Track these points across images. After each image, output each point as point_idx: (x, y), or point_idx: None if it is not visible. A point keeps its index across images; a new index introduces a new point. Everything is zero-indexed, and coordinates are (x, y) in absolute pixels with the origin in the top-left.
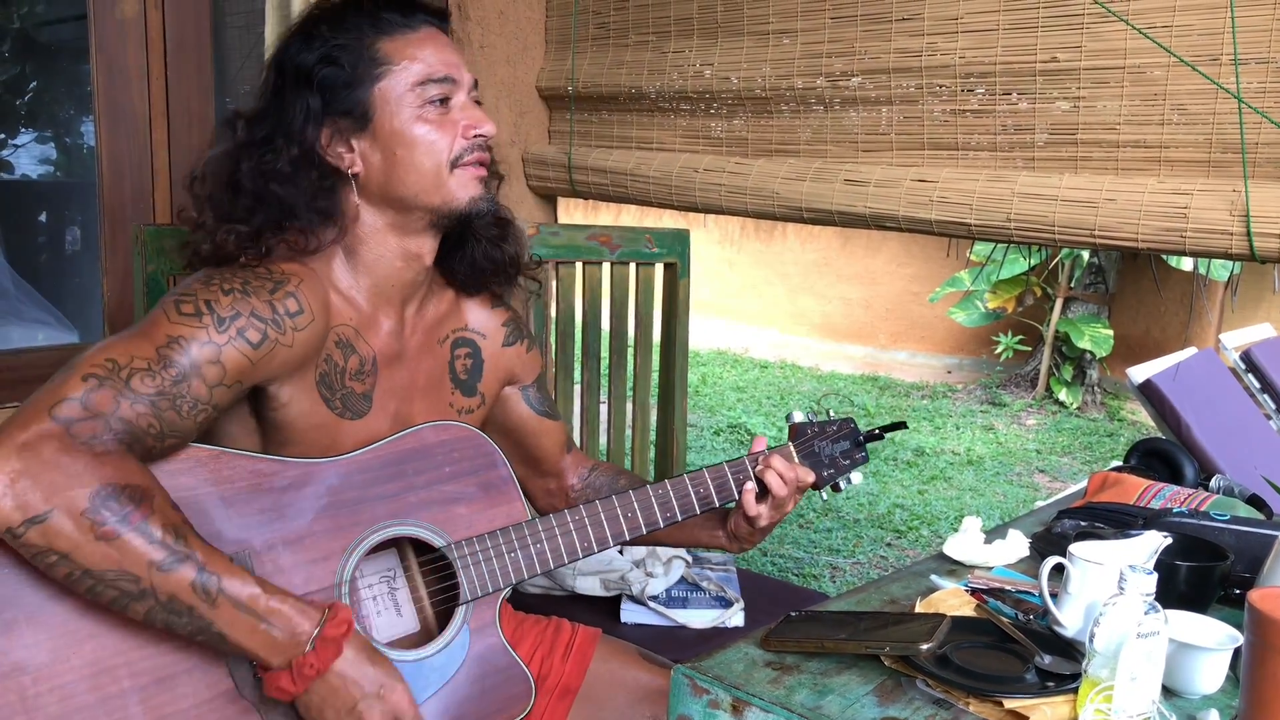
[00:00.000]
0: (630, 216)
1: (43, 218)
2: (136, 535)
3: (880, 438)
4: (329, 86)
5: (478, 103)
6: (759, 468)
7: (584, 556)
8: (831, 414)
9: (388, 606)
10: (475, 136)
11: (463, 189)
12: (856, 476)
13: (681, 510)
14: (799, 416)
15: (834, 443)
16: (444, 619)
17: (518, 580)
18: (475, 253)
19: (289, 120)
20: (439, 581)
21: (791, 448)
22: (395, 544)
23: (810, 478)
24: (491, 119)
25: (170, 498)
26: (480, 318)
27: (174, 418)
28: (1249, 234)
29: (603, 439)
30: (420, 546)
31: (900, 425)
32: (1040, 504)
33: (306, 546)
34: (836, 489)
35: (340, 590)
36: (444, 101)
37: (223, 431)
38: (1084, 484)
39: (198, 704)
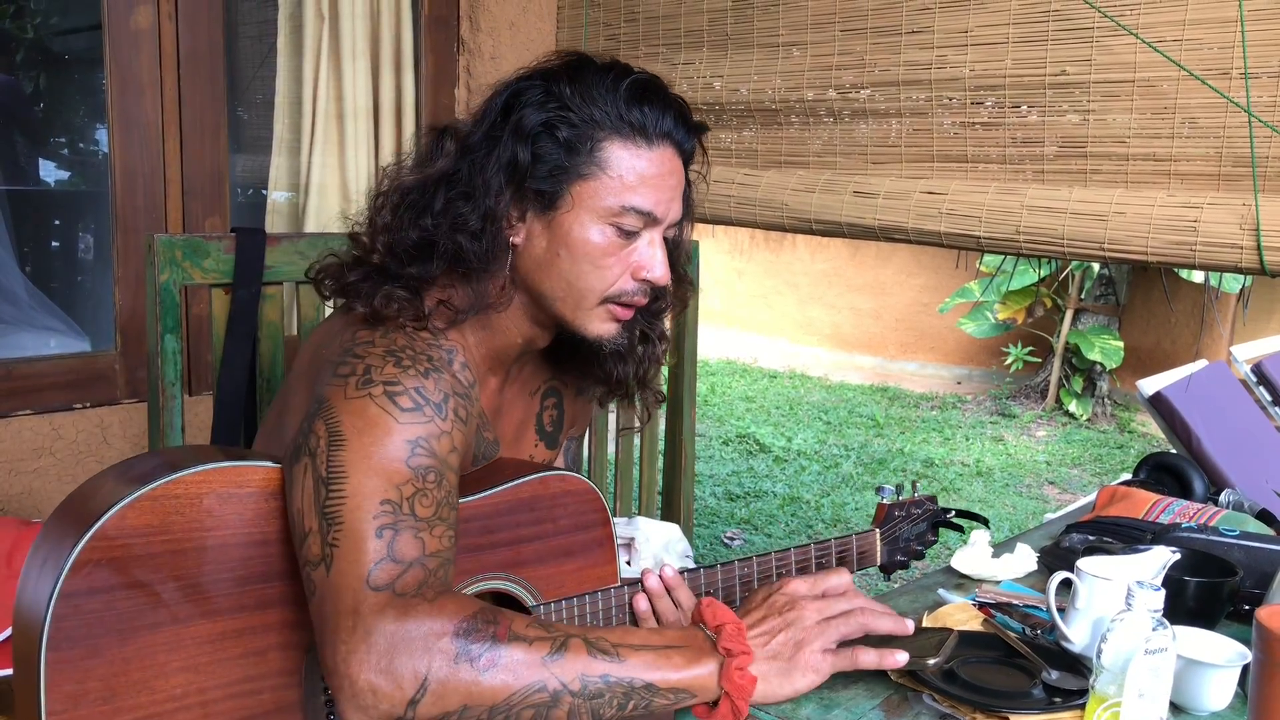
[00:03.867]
0: None
1: (56, 225)
2: (512, 648)
3: (960, 529)
4: (540, 157)
5: (666, 240)
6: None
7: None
8: (918, 491)
9: None
10: (642, 280)
11: (599, 324)
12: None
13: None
14: (888, 497)
15: (914, 524)
16: None
17: None
18: (584, 350)
19: (489, 171)
20: None
21: (877, 534)
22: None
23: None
24: (668, 267)
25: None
26: (569, 372)
27: (451, 534)
28: (1259, 247)
29: (611, 448)
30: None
31: (978, 517)
32: (1049, 516)
33: None
34: (903, 566)
35: None
36: (635, 233)
37: None
38: (1093, 496)
39: None
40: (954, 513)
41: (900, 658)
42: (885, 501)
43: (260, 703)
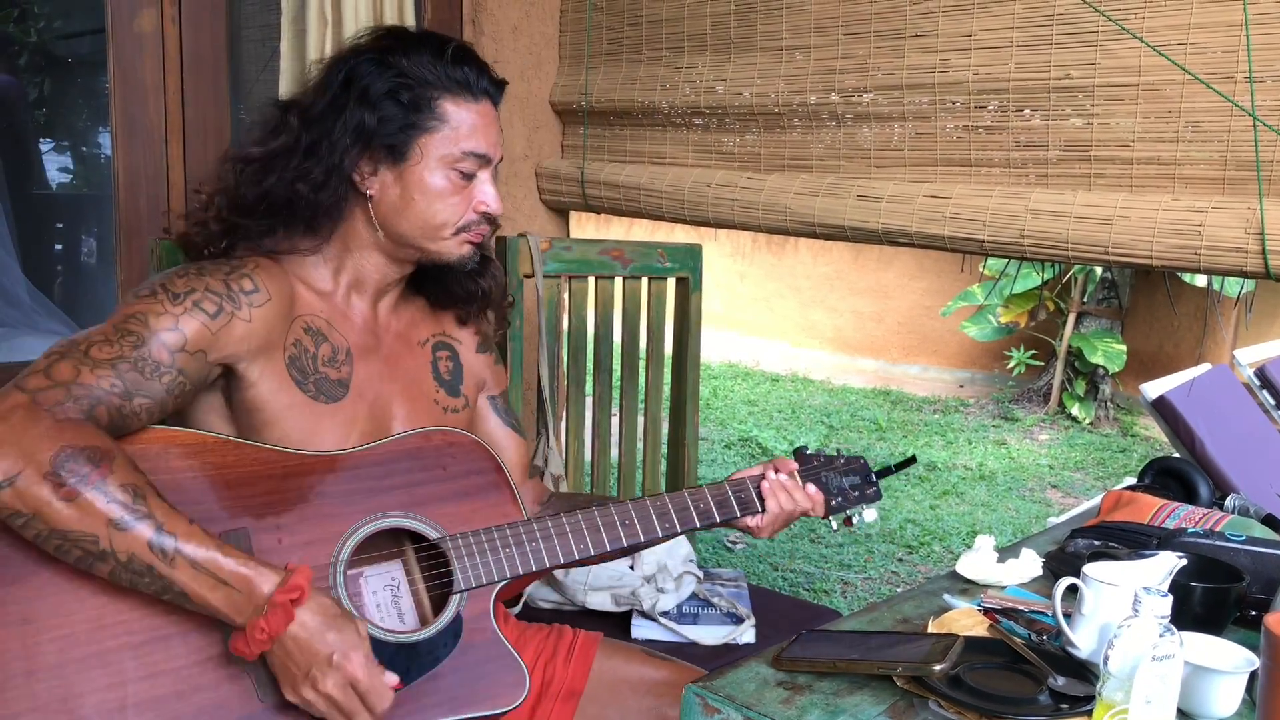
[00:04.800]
0: (642, 230)
1: (59, 228)
2: (95, 494)
3: (892, 473)
4: (385, 119)
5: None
6: (766, 483)
7: (580, 561)
8: (841, 452)
9: (391, 614)
10: (483, 213)
11: (455, 249)
12: (870, 514)
13: (681, 524)
14: (808, 448)
15: (842, 475)
16: (437, 608)
17: (511, 575)
18: (449, 279)
19: (338, 133)
20: (434, 574)
21: (794, 467)
22: (399, 551)
23: (814, 505)
24: (500, 195)
25: (133, 462)
26: (453, 326)
27: (136, 378)
28: (1264, 252)
29: (614, 452)
30: (421, 549)
31: (910, 461)
32: (1053, 520)
33: (304, 530)
34: (848, 523)
35: (335, 570)
36: (470, 175)
37: (198, 422)
38: (1097, 500)
39: (190, 664)
40: (893, 467)
41: None
42: (804, 449)
43: (179, 620)
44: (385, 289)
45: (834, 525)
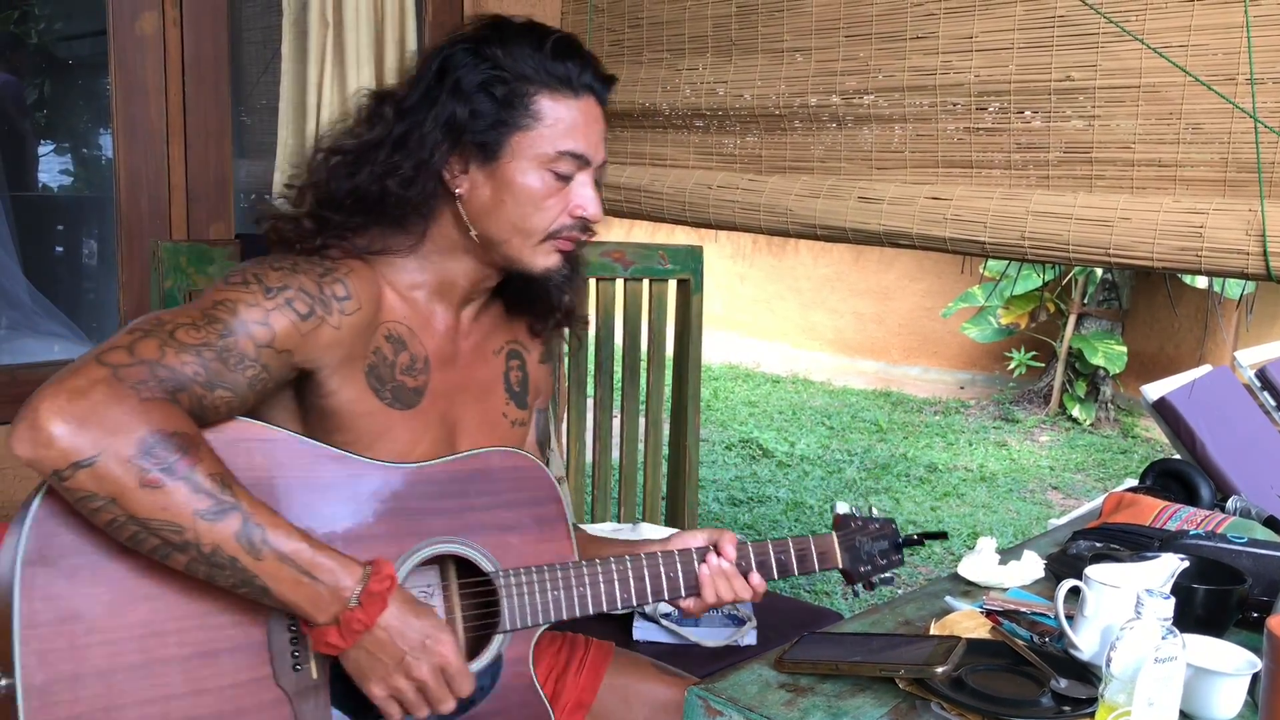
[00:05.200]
0: (642, 232)
1: (60, 230)
2: (182, 483)
3: (920, 543)
4: (477, 114)
5: (598, 183)
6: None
7: (621, 609)
8: (875, 511)
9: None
10: (579, 218)
11: (543, 258)
12: (888, 578)
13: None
14: (844, 508)
15: (874, 540)
16: (472, 644)
17: (555, 620)
18: (533, 287)
19: (428, 127)
20: (476, 606)
21: (835, 538)
22: (439, 561)
23: (754, 595)
24: (600, 200)
25: (215, 451)
26: (525, 334)
27: (220, 368)
28: (1265, 253)
29: (615, 454)
30: (465, 567)
31: (941, 535)
32: (1054, 522)
33: (362, 548)
34: (869, 587)
35: None
36: (567, 176)
37: (266, 417)
38: (1098, 502)
39: (235, 684)
40: (917, 536)
41: None
42: (840, 512)
43: (226, 636)
44: (471, 297)
45: (858, 591)
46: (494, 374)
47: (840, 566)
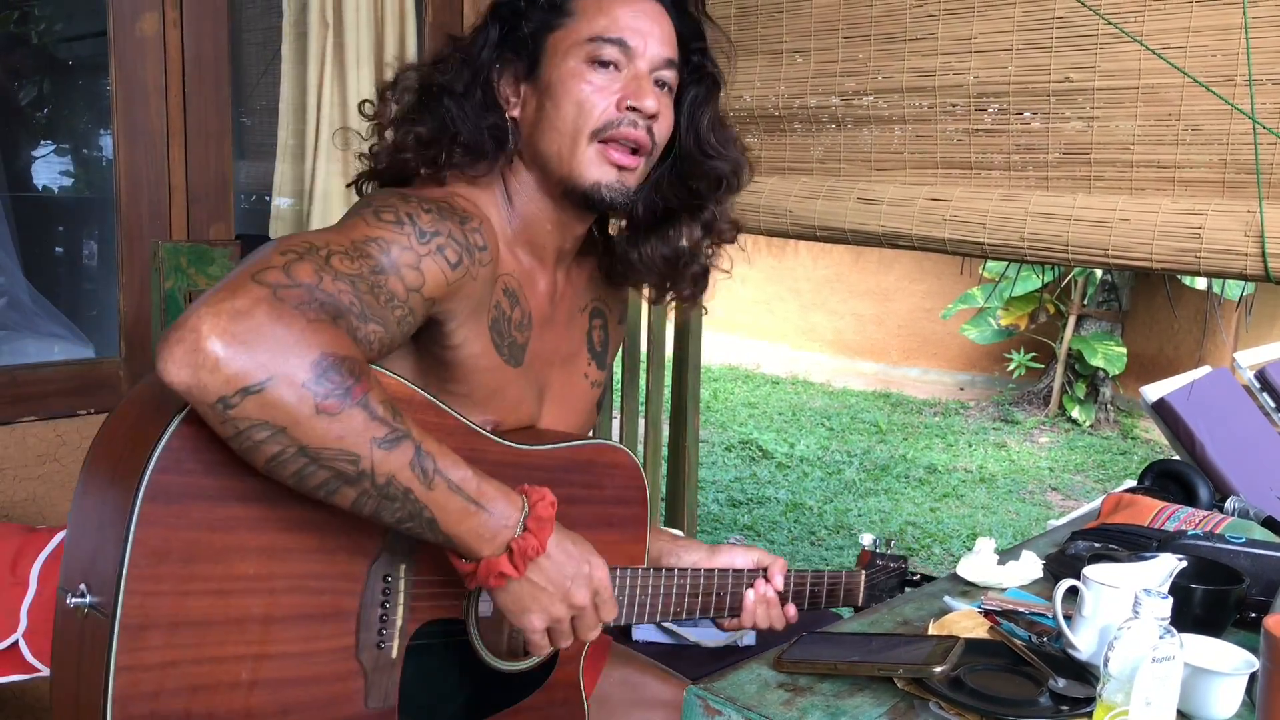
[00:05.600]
0: None
1: (60, 231)
2: (359, 410)
3: (920, 583)
4: (518, 27)
5: (662, 84)
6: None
7: (670, 620)
8: (893, 547)
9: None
10: (629, 109)
11: (592, 167)
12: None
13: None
14: (868, 541)
15: (888, 577)
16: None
17: (614, 625)
18: (632, 248)
19: (475, 46)
20: None
21: (862, 576)
22: None
23: (784, 624)
24: (659, 101)
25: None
26: (608, 289)
27: (373, 301)
28: (1264, 254)
29: None
30: None
31: (932, 578)
32: (1053, 523)
33: None
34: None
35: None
36: (614, 67)
37: (385, 365)
38: (1097, 503)
39: (318, 651)
40: (919, 576)
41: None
42: (867, 548)
43: (320, 603)
44: (563, 254)
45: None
46: (580, 333)
47: (859, 605)
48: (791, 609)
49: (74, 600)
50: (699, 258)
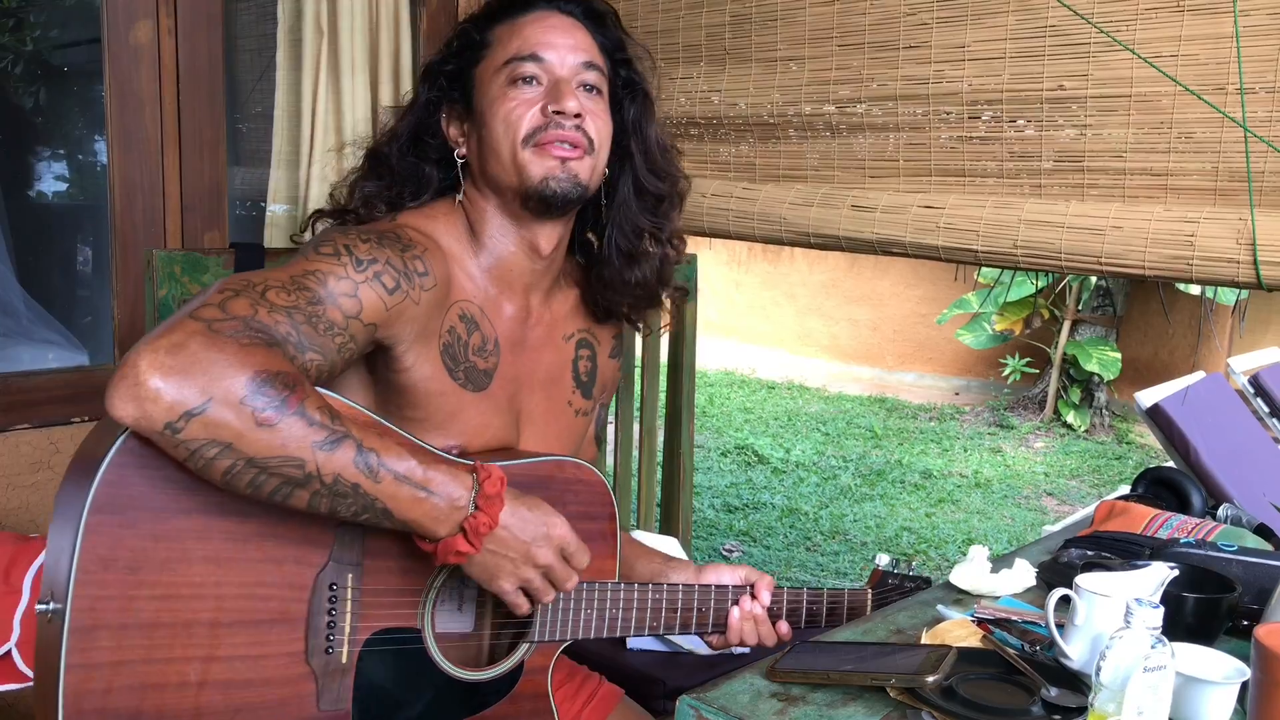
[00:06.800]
0: None
1: (54, 238)
2: (296, 418)
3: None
4: (444, 70)
5: (588, 88)
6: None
7: (647, 634)
8: (913, 568)
9: (451, 599)
10: (554, 114)
11: (534, 166)
12: None
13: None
14: (884, 561)
15: (904, 597)
16: (497, 637)
17: (584, 638)
18: (606, 271)
19: (412, 105)
20: (510, 612)
21: (869, 594)
22: None
23: (775, 641)
24: (581, 106)
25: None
26: (595, 322)
27: (310, 331)
28: (1256, 262)
29: (609, 460)
30: None
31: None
32: (1048, 529)
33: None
34: None
35: (427, 597)
36: (535, 81)
37: (340, 393)
38: (1091, 510)
39: (268, 654)
40: None
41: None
42: (880, 567)
43: (268, 609)
44: (534, 280)
45: None
46: (563, 360)
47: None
48: (784, 626)
49: (40, 607)
50: (664, 276)
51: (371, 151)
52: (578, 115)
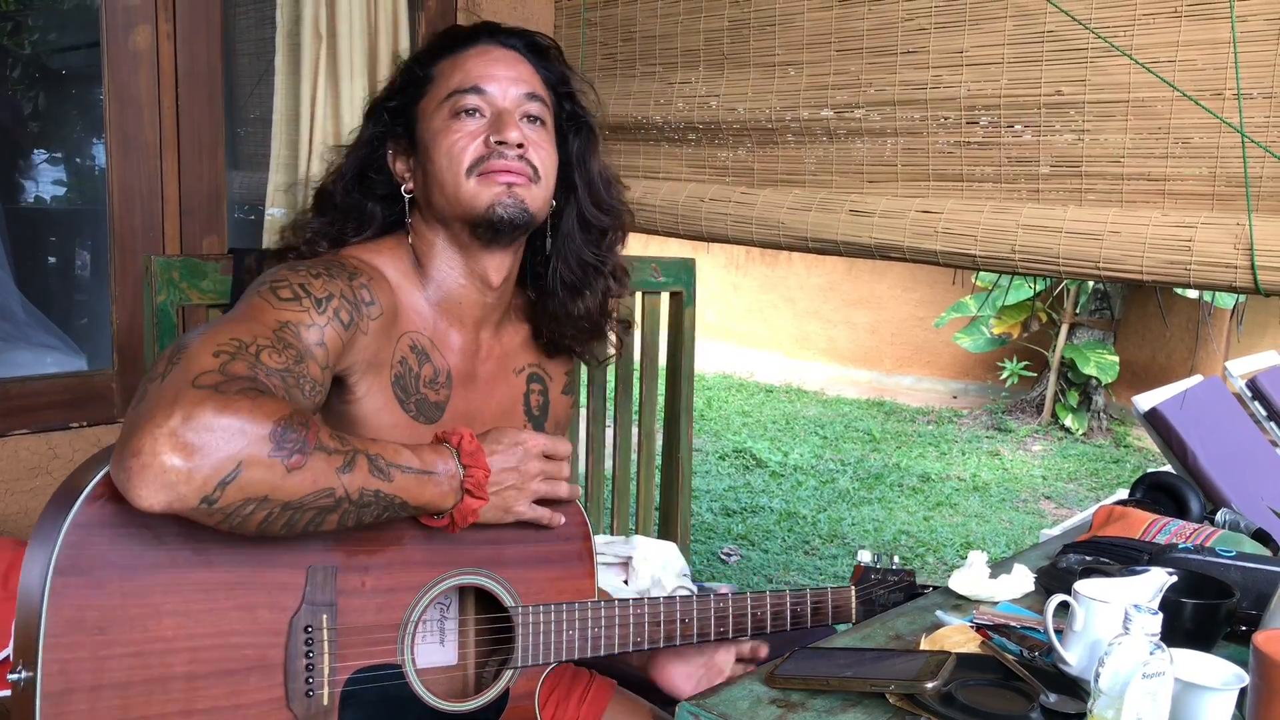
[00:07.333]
0: (635, 244)
1: (53, 242)
2: (318, 453)
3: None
4: (388, 107)
5: (532, 118)
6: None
7: (633, 651)
8: (897, 561)
9: (433, 633)
10: (496, 144)
11: (481, 194)
12: None
13: (735, 628)
14: (866, 558)
15: (891, 592)
16: (482, 665)
17: (568, 659)
18: (551, 303)
19: (363, 137)
20: (492, 632)
21: (852, 591)
22: (464, 591)
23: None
24: (524, 135)
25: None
26: (545, 357)
27: (299, 396)
28: (1253, 267)
29: (608, 464)
30: (488, 599)
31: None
32: (1046, 532)
33: (388, 575)
34: None
35: (405, 630)
36: (478, 114)
37: None
38: (1089, 514)
39: (247, 704)
40: (931, 588)
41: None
42: (862, 563)
43: (244, 657)
44: (484, 313)
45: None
46: (514, 394)
47: (855, 621)
48: (764, 649)
49: (12, 676)
50: (607, 310)
51: (318, 190)
52: (520, 145)
